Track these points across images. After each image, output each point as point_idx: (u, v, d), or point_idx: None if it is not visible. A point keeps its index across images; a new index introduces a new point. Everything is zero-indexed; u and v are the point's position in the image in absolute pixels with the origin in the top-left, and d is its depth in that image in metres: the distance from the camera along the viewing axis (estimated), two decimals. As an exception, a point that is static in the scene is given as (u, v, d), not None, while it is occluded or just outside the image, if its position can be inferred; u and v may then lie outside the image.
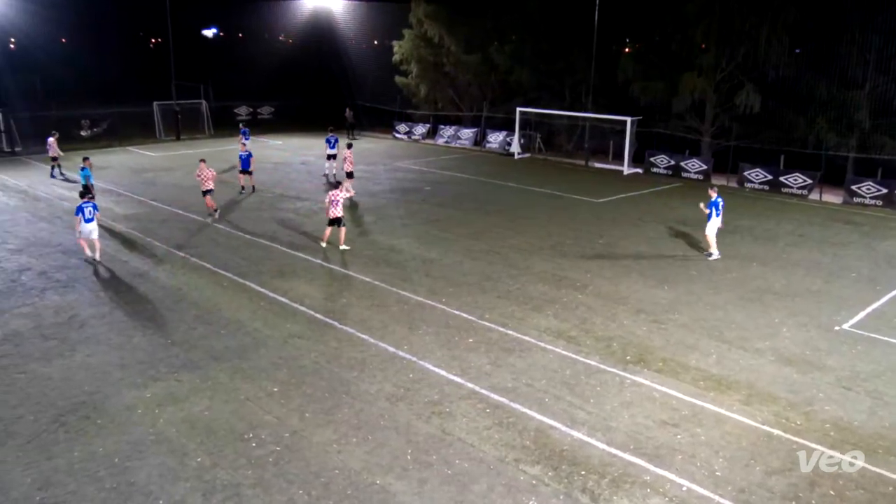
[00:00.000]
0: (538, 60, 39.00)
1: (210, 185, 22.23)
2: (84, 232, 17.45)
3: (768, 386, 11.76)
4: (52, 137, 29.22)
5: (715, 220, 18.59)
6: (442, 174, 31.44)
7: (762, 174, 29.52)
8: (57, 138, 29.32)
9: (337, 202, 18.56)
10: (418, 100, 44.61)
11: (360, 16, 49.02)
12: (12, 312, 14.32)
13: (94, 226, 17.62)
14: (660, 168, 32.71)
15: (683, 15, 32.19)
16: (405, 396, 11.16)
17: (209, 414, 10.52)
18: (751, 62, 31.44)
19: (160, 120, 41.45)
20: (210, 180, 22.23)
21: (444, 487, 8.89)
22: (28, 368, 11.90)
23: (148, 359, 12.31)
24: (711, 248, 18.78)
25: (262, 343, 13.04)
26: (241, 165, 26.30)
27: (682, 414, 10.78)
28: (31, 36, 49.18)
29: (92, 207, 17.61)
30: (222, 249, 18.86)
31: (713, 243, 18.75)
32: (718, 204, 18.54)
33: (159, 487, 8.76)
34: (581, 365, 12.40)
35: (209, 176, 22.22)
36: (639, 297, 15.85)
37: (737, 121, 32.33)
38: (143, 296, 15.38)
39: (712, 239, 18.75)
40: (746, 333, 13.95)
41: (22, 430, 10.01)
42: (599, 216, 23.84)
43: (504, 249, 19.37)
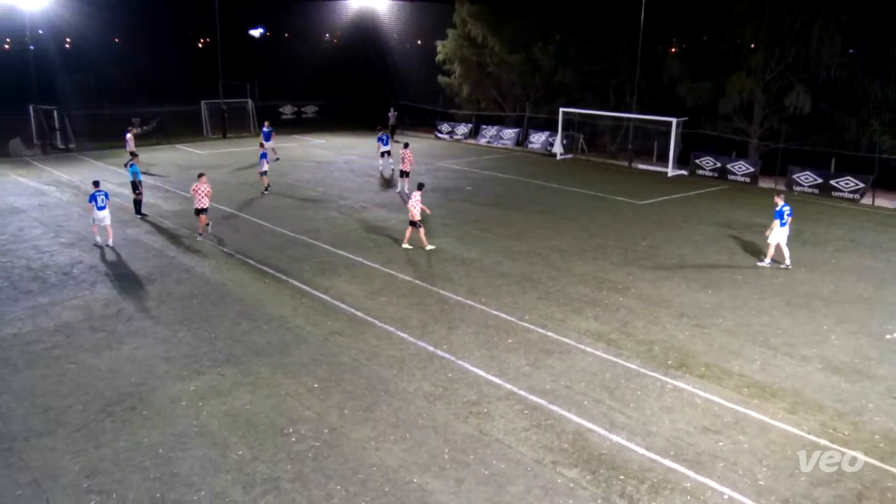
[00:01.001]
0: (582, 60, 38.69)
1: (205, 202, 19.93)
2: (97, 219, 18.72)
3: (815, 394, 11.47)
4: (129, 133, 30.53)
5: (780, 229, 17.77)
6: (483, 174, 31.41)
7: (812, 177, 28.79)
8: (135, 134, 30.46)
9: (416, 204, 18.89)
10: (461, 99, 44.65)
11: (405, 16, 49.27)
12: (64, 304, 14.77)
13: (107, 213, 18.81)
14: (705, 170, 32.13)
15: (732, 14, 31.57)
16: (443, 396, 11.18)
17: (250, 408, 10.69)
18: (801, 62, 30.66)
19: (207, 118, 42.31)
20: (205, 197, 19.90)
21: (480, 488, 8.88)
22: (78, 359, 12.25)
23: (192, 352, 12.57)
24: (768, 255, 18.15)
25: (304, 339, 13.20)
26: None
27: (724, 421, 10.58)
28: (86, 36, 50.69)
29: (104, 196, 18.84)
30: (266, 246, 19.15)
31: (771, 252, 18.10)
32: (784, 213, 17.68)
33: (201, 479, 8.93)
34: (621, 368, 12.26)
35: (205, 192, 19.92)
36: (682, 301, 15.61)
37: (786, 122, 31.57)
38: (189, 291, 15.70)
39: (773, 248, 18.04)
40: (793, 340, 13.63)
41: (71, 419, 10.32)
42: (642, 218, 23.54)
43: (545, 250, 19.26)
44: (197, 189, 19.85)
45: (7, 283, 15.98)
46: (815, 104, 30.40)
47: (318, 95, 49.88)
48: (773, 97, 32.27)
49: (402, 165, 26.33)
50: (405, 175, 26.45)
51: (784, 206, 17.78)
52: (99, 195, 18.67)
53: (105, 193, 18.93)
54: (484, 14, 41.20)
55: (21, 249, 18.57)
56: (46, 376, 11.59)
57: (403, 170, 26.38)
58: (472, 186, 28.26)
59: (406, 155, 26.34)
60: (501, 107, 44.20)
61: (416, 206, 18.88)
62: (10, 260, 17.68)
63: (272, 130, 34.56)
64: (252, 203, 24.39)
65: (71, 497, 8.54)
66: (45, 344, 12.82)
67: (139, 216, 22.19)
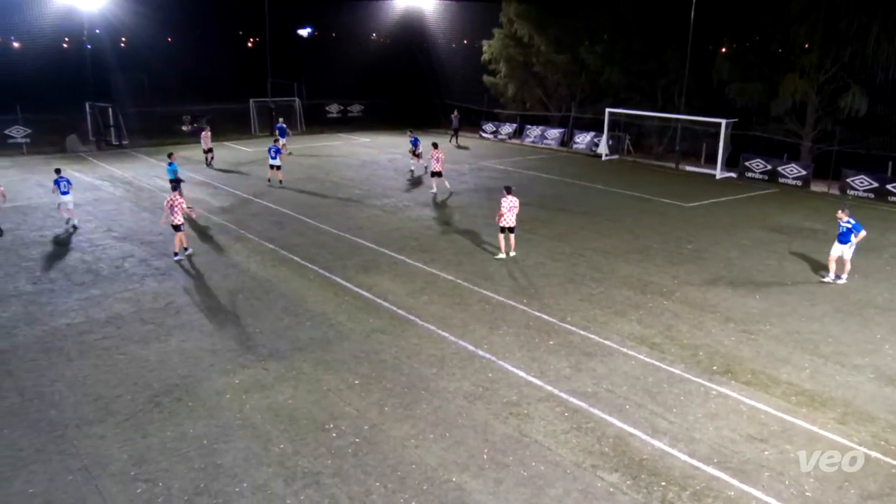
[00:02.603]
0: (629, 60, 38.20)
1: (179, 218, 17.53)
2: (62, 202, 20.64)
3: (866, 405, 11.13)
4: (204, 130, 31.82)
5: (840, 246, 16.74)
6: (527, 174, 31.27)
7: (867, 181, 27.95)
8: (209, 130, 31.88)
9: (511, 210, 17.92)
10: (506, 99, 44.51)
11: (451, 15, 49.30)
12: (115, 297, 15.18)
13: (70, 198, 20.69)
14: (755, 173, 31.43)
15: (785, 13, 30.77)
16: (483, 396, 11.17)
17: (293, 403, 10.84)
18: (858, 63, 29.77)
19: (255, 116, 43.03)
20: (179, 213, 17.48)
21: (519, 489, 8.84)
22: (128, 350, 12.58)
23: (237, 346, 12.79)
24: (830, 270, 17.02)
25: (346, 336, 13.32)
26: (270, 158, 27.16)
27: (770, 429, 10.34)
28: (140, 35, 51.91)
29: (66, 182, 20.65)
30: (310, 243, 19.38)
31: (833, 267, 16.97)
32: (850, 232, 16.52)
33: (244, 471, 9.09)
34: (664, 373, 12.08)
35: (179, 206, 17.49)
36: (728, 306, 15.31)
37: (840, 125, 30.68)
38: (235, 285, 15.98)
39: (833, 262, 16.94)
40: (844, 348, 13.25)
41: (121, 408, 10.60)
42: (689, 221, 23.15)
43: (588, 252, 19.09)
44: (172, 202, 17.49)
45: (62, 275, 16.50)
46: (871, 106, 29.50)
47: (364, 95, 50.26)
48: (827, 99, 31.41)
49: (435, 166, 26.02)
50: (437, 175, 26.21)
51: (848, 220, 16.60)
52: (62, 181, 20.50)
53: (67, 180, 20.73)
54: (531, 13, 41.02)
55: (75, 242, 19.16)
56: (97, 366, 11.94)
57: (435, 170, 26.13)
58: (515, 187, 28.06)
59: (437, 155, 26.03)
60: (546, 107, 43.95)
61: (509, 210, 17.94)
62: (65, 252, 18.26)
63: (286, 127, 35.50)
64: (296, 200, 24.70)
65: (119, 484, 8.78)
66: (96, 335, 13.20)
67: None
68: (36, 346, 12.69)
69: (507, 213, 17.98)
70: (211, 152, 31.77)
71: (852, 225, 16.53)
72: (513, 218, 18.06)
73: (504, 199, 18.05)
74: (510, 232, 18.22)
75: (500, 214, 18.11)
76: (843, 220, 16.69)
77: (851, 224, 16.56)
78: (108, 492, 8.63)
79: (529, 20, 40.98)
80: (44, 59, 46.49)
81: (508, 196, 18.10)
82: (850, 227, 16.54)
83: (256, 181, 28.15)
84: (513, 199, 18.04)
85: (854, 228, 16.49)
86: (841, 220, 16.75)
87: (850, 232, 16.56)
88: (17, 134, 35.06)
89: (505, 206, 17.97)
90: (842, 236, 16.73)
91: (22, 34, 51.47)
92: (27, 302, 14.80)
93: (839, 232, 16.77)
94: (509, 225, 18.08)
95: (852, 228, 16.52)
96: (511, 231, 18.21)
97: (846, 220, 16.65)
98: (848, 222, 16.60)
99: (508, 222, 18.05)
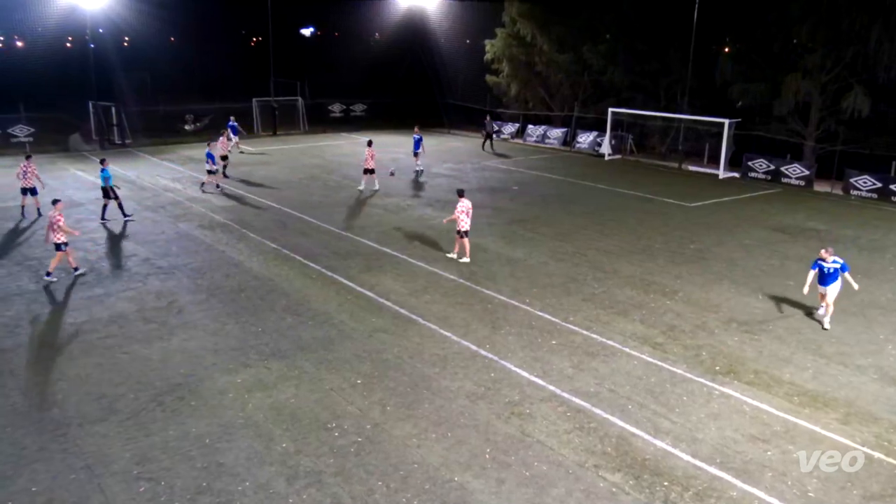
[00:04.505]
0: (632, 60, 38.21)
1: (61, 237, 15.75)
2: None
3: (869, 405, 11.12)
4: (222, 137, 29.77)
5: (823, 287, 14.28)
6: (530, 174, 31.25)
7: (870, 181, 27.90)
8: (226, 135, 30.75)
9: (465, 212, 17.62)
10: (508, 99, 44.52)
11: (453, 15, 49.29)
12: (118, 296, 15.20)
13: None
14: (758, 172, 31.38)
15: (787, 14, 30.75)
16: (485, 395, 11.17)
17: (295, 402, 10.85)
18: (860, 63, 29.74)
19: (258, 116, 43.04)
20: (60, 233, 15.72)
21: (521, 489, 8.84)
22: (131, 349, 12.60)
23: (239, 346, 12.80)
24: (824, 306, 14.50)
25: (348, 335, 13.32)
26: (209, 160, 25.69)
27: (773, 430, 10.33)
28: (143, 35, 51.99)
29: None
30: (313, 242, 19.39)
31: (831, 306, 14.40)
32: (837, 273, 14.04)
33: (246, 470, 9.10)
34: (667, 373, 12.07)
35: (58, 224, 15.70)
36: (731, 306, 15.29)
37: (843, 124, 30.64)
38: (237, 285, 15.99)
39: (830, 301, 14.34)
40: (847, 349, 13.23)
41: (123, 407, 10.61)
42: (692, 221, 23.12)
43: (591, 252, 19.07)
44: (53, 221, 15.77)
45: (64, 273, 16.51)
46: (874, 106, 29.46)
47: (366, 94, 50.25)
48: (830, 99, 31.38)
49: (368, 163, 25.87)
50: (369, 172, 26.09)
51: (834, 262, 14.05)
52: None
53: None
54: (533, 13, 41.01)
55: (78, 242, 19.13)
56: (100, 365, 11.95)
57: (368, 167, 25.97)
58: (518, 186, 28.14)
59: (369, 153, 25.91)
60: (549, 106, 43.92)
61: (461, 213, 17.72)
62: (68, 251, 18.25)
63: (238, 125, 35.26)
64: (300, 200, 24.70)
65: (122, 483, 8.78)
66: (99, 333, 13.22)
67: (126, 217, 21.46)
68: (39, 345, 12.71)
69: (460, 215, 17.63)
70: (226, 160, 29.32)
71: (840, 265, 14.03)
72: (468, 221, 17.72)
73: (459, 203, 17.70)
74: (465, 236, 17.85)
75: (452, 218, 17.82)
76: (829, 261, 14.03)
77: (840, 264, 14.04)
78: (110, 490, 8.64)
79: (532, 19, 40.96)
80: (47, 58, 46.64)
81: (462, 199, 17.78)
82: (839, 267, 14.00)
83: (259, 180, 28.15)
84: (466, 203, 17.72)
85: (843, 269, 14.03)
86: (825, 261, 14.07)
87: (838, 273, 14.03)
88: (20, 133, 35.14)
89: (459, 209, 17.67)
90: (829, 278, 14.10)
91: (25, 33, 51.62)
92: (30, 301, 14.82)
93: (825, 273, 14.08)
94: (464, 229, 17.73)
95: (841, 269, 14.03)
96: (465, 235, 17.83)
97: (832, 260, 14.04)
98: (835, 262, 14.03)
99: (464, 226, 17.72)
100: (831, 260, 14.04)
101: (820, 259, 14.16)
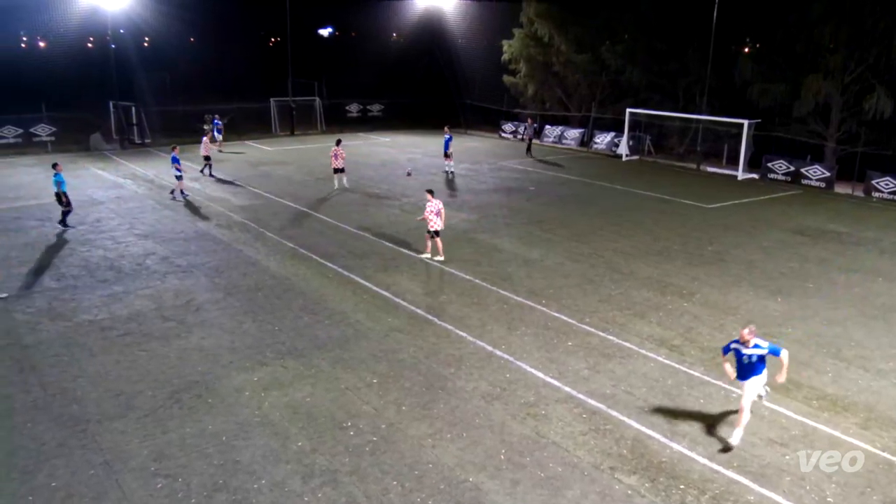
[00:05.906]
0: (651, 60, 37.98)
1: None
2: None
3: (890, 410, 10.97)
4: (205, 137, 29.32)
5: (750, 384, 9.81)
6: (547, 174, 31.17)
7: (892, 183, 27.52)
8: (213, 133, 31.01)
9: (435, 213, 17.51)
10: (525, 99, 44.42)
11: (471, 15, 49.26)
12: (137, 294, 15.35)
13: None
14: (778, 174, 31.08)
15: (809, 14, 30.40)
16: (501, 396, 11.15)
17: (311, 400, 10.89)
18: (883, 64, 29.36)
19: (276, 116, 43.30)
20: None
21: (536, 490, 8.82)
22: (149, 347, 12.71)
23: (256, 344, 12.87)
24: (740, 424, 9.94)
25: (364, 335, 13.36)
26: None
27: (791, 434, 10.22)
28: (164, 35, 52.43)
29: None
30: (329, 242, 19.46)
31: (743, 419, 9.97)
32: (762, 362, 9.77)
33: (262, 468, 9.15)
34: (684, 375, 11.99)
35: None
36: (749, 308, 15.16)
37: (865, 126, 30.26)
38: (255, 283, 16.09)
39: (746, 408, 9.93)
40: (868, 353, 13.07)
41: (141, 404, 10.71)
42: (710, 222, 22.95)
43: (608, 253, 18.99)
44: None
45: (85, 271, 16.70)
46: (897, 107, 29.08)
47: (384, 94, 50.39)
48: (851, 100, 31.00)
49: (338, 162, 26.47)
50: (339, 171, 26.66)
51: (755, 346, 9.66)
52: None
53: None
54: (551, 13, 40.88)
55: (98, 240, 19.38)
56: (119, 362, 12.07)
57: (337, 167, 26.54)
58: (535, 187, 28.06)
59: (338, 152, 26.42)
60: (566, 106, 43.78)
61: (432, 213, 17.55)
62: (89, 249, 18.47)
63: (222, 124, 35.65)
64: (317, 199, 24.82)
65: (139, 479, 8.86)
66: (118, 331, 13.35)
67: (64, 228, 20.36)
68: (59, 342, 12.85)
69: (429, 216, 17.51)
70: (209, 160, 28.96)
71: (768, 349, 9.66)
72: (440, 221, 17.56)
73: (428, 203, 17.56)
74: (436, 235, 17.74)
75: (422, 217, 17.74)
76: (749, 345, 9.67)
77: (766, 349, 9.66)
78: (128, 486, 8.73)
79: (550, 20, 40.84)
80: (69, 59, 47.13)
81: (432, 199, 17.62)
82: (766, 352, 9.66)
83: (276, 181, 28.32)
84: (437, 203, 17.58)
85: (772, 352, 9.67)
86: (744, 347, 9.72)
87: (762, 365, 9.79)
88: (42, 132, 35.58)
89: (428, 209, 17.53)
90: (748, 370, 9.78)
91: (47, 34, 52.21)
92: (51, 298, 15.00)
93: (743, 363, 9.81)
94: (435, 228, 17.60)
95: (770, 353, 9.69)
96: (436, 235, 17.69)
97: (753, 345, 9.66)
98: (757, 346, 9.66)
99: (435, 226, 17.57)
100: (752, 344, 9.66)
101: (737, 341, 9.87)
